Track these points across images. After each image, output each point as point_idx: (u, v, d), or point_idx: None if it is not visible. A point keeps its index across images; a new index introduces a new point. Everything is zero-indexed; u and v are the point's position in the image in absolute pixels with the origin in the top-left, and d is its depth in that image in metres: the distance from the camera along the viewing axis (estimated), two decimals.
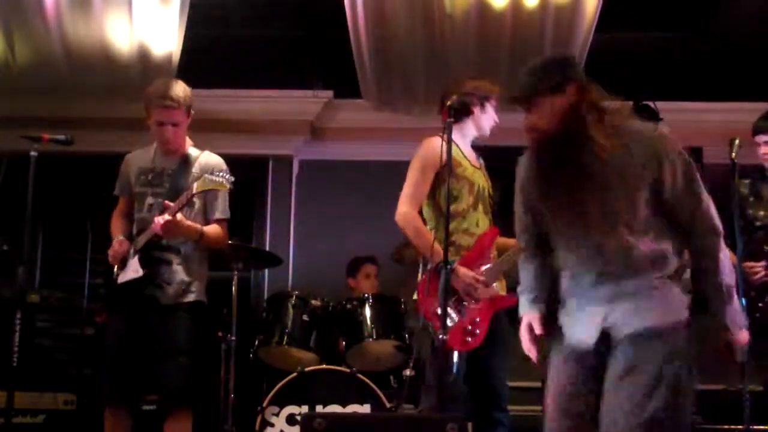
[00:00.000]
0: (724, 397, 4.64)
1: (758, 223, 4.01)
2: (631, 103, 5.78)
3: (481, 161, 3.80)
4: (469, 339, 3.47)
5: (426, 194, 3.59)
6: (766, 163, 4.04)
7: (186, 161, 3.90)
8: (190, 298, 3.80)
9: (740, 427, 3.58)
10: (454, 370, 3.55)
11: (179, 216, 3.64)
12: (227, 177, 3.60)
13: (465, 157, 3.66)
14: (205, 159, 3.94)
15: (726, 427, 4.18)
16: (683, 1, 5.43)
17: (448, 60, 5.44)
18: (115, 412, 3.79)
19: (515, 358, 3.58)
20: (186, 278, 3.79)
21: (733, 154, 3.70)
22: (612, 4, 5.04)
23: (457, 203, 3.56)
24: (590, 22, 5.13)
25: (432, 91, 5.66)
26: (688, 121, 5.90)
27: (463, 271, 3.45)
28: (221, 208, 3.91)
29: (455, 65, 5.45)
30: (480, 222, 3.62)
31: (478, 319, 3.48)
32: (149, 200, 3.84)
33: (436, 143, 3.47)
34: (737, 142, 3.72)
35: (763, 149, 4.00)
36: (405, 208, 3.55)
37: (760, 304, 3.89)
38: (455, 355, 3.60)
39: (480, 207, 3.63)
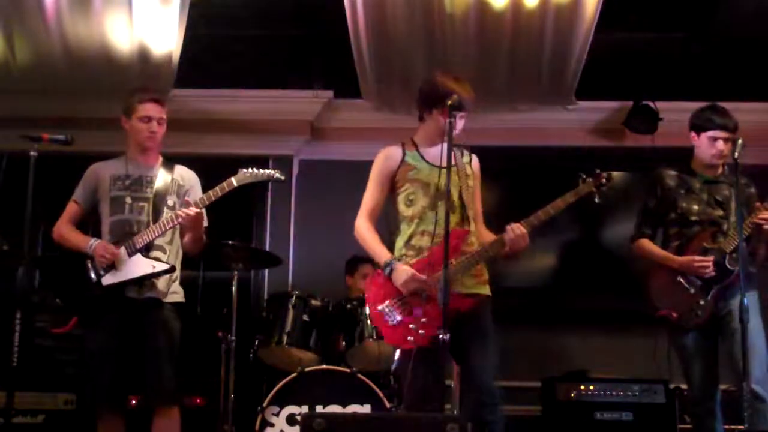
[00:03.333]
0: (724, 397, 4.64)
1: (693, 217, 4.03)
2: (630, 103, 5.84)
3: (464, 158, 3.65)
4: (411, 338, 3.40)
5: (377, 202, 3.66)
6: (715, 159, 4.04)
7: (166, 168, 4.04)
8: (176, 298, 3.96)
9: (740, 427, 3.59)
10: (393, 367, 3.82)
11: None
12: (273, 171, 3.79)
13: (422, 158, 3.61)
14: (182, 169, 4.10)
15: (726, 427, 4.18)
16: (683, 1, 5.42)
17: (448, 60, 5.43)
18: (109, 419, 3.83)
19: (516, 359, 3.59)
20: (172, 276, 3.93)
21: (736, 154, 3.70)
22: (612, 4, 5.04)
23: (414, 206, 3.56)
24: (590, 22, 5.13)
25: None
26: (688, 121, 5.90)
27: (401, 269, 3.44)
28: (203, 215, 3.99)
29: (455, 65, 5.44)
30: (440, 221, 3.37)
31: (424, 319, 3.40)
32: (128, 202, 3.93)
33: (386, 150, 3.66)
34: (740, 142, 3.72)
35: (722, 145, 3.99)
36: (357, 220, 3.65)
37: (701, 302, 3.91)
38: (396, 353, 3.80)
39: (440, 205, 3.44)
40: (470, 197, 3.59)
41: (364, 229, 3.61)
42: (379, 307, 3.49)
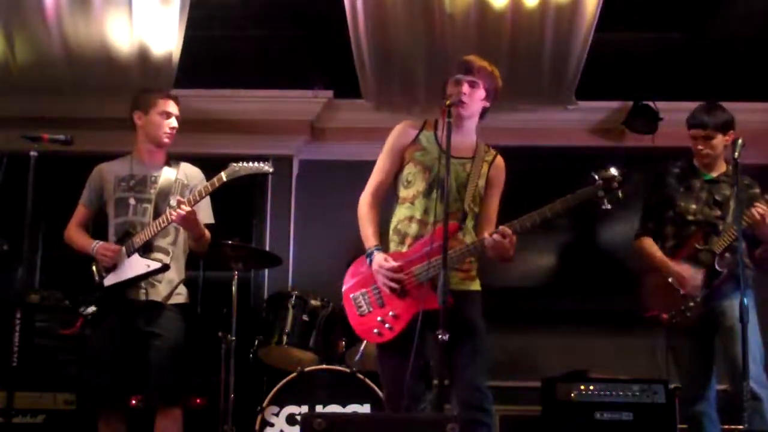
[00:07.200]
0: (721, 396, 4.65)
1: (690, 217, 4.04)
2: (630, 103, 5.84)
3: (486, 156, 3.53)
4: (377, 331, 3.32)
5: (385, 176, 3.54)
6: (699, 158, 4.09)
7: (171, 167, 4.03)
8: (180, 300, 3.95)
9: (740, 427, 3.58)
10: (357, 357, 3.92)
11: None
12: (262, 164, 3.71)
13: (436, 141, 3.45)
14: (187, 167, 4.09)
15: (726, 427, 4.18)
16: (683, 1, 5.42)
17: (448, 60, 5.41)
18: (110, 419, 3.83)
19: (516, 359, 3.56)
20: (174, 278, 3.92)
21: (736, 154, 3.69)
22: (612, 4, 5.04)
23: (409, 189, 3.44)
24: (590, 22, 5.13)
25: (432, 91, 5.66)
26: None
27: (377, 259, 3.31)
28: (206, 213, 3.98)
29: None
30: (431, 210, 3.33)
31: (391, 313, 3.29)
32: (132, 204, 3.93)
33: (403, 125, 3.54)
34: (740, 142, 3.71)
35: (700, 144, 4.03)
36: (361, 196, 3.54)
37: (691, 304, 3.91)
38: (362, 345, 3.88)
39: (434, 194, 3.32)
40: (472, 196, 3.40)
41: (363, 208, 3.50)
42: (352, 295, 3.42)
